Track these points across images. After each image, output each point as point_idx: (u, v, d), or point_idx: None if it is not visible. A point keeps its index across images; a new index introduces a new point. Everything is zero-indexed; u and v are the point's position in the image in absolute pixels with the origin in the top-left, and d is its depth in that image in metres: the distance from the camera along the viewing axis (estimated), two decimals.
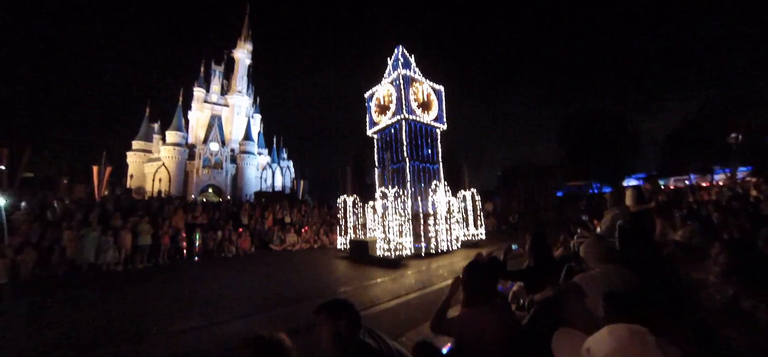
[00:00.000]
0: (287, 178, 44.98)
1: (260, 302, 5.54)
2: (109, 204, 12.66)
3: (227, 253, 11.43)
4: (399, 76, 10.93)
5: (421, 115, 11.33)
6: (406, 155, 10.80)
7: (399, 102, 10.85)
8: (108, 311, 5.17)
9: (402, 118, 10.79)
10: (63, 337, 4.03)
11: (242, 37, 46.12)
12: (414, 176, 10.87)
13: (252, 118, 45.23)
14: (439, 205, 10.40)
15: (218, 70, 44.85)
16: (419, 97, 11.38)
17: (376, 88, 12.32)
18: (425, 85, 11.83)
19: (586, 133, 32.80)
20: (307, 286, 6.72)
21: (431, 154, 11.84)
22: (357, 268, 8.43)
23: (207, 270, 8.89)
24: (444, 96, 12.54)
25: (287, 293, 6.13)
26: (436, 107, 12.09)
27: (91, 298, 6.13)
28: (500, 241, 12.45)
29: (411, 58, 12.02)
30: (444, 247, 10.12)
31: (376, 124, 12.13)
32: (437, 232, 10.11)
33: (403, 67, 11.25)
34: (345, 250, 10.75)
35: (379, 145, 12.35)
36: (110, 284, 7.33)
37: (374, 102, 12.30)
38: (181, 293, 6.39)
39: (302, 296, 5.74)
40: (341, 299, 1.78)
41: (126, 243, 9.52)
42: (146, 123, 39.17)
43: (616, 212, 3.39)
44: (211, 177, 38.40)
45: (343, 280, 7.42)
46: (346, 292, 6.08)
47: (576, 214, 15.65)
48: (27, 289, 6.94)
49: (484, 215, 18.74)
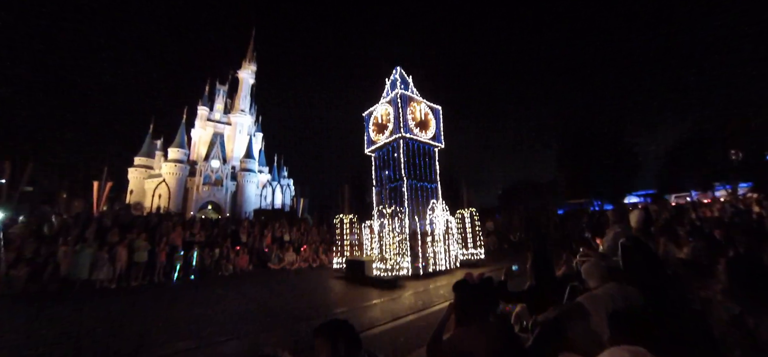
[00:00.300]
0: (287, 196, 44.90)
1: (254, 323, 5.38)
2: (107, 219, 12.57)
3: (224, 272, 11.23)
4: (397, 95, 11.05)
5: (419, 134, 11.38)
6: (404, 174, 10.76)
7: (397, 121, 10.92)
8: (94, 330, 5.02)
9: (399, 136, 10.83)
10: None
11: (247, 58, 47.31)
12: (411, 195, 10.79)
13: (254, 136, 45.67)
14: (437, 223, 10.28)
15: (222, 90, 45.72)
16: (417, 116, 11.45)
17: (374, 107, 12.44)
18: (423, 104, 11.92)
19: (585, 152, 33.04)
20: (301, 307, 6.54)
21: (429, 173, 11.79)
22: (353, 289, 8.20)
23: (202, 289, 8.70)
24: (442, 115, 12.63)
25: (281, 314, 5.95)
26: (434, 126, 12.14)
27: (78, 315, 5.94)
28: (501, 260, 12.24)
29: (409, 79, 12.20)
30: (443, 266, 9.87)
31: (374, 143, 12.18)
32: (435, 251, 9.87)
33: (401, 87, 11.40)
34: (341, 270, 10.52)
35: (377, 163, 12.33)
36: (101, 302, 7.16)
37: (372, 121, 12.39)
38: (174, 312, 6.24)
39: (297, 317, 5.59)
40: (340, 320, 1.71)
41: (121, 259, 9.38)
42: (149, 139, 39.55)
43: (618, 230, 3.31)
44: (211, 194, 38.36)
45: (338, 300, 7.23)
46: (341, 313, 5.89)
47: (578, 232, 15.47)
48: (16, 305, 6.76)
49: (485, 234, 18.65)
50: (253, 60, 47.59)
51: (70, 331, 4.88)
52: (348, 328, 1.65)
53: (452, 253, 10.58)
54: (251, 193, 40.92)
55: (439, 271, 9.69)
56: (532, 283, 3.14)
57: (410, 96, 11.47)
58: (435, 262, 9.79)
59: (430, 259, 9.73)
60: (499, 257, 13.39)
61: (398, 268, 8.56)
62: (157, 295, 8.11)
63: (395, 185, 11.15)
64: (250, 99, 46.89)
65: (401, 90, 11.17)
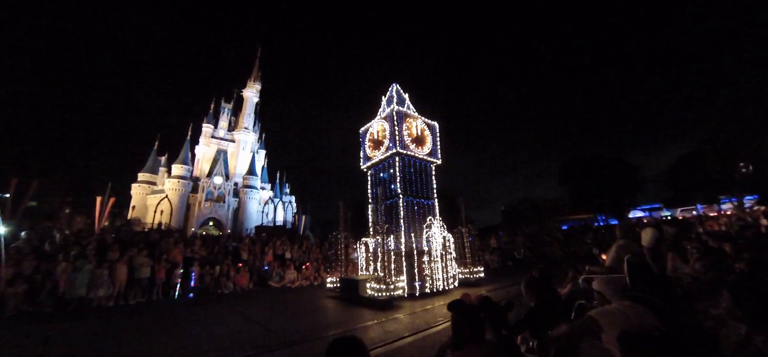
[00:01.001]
0: (289, 213, 44.78)
1: (254, 344, 5.24)
2: (108, 235, 12.54)
3: (224, 290, 11.08)
4: (393, 111, 10.95)
5: (415, 150, 11.23)
6: (400, 190, 10.54)
7: (392, 137, 10.78)
8: (86, 352, 4.91)
9: (395, 152, 10.68)
10: None
11: (252, 77, 48.32)
12: (408, 212, 10.53)
13: (257, 153, 46.04)
14: (433, 241, 9.96)
15: (227, 108, 46.50)
16: (413, 132, 11.35)
17: (370, 123, 12.38)
18: (419, 120, 11.83)
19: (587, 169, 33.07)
20: (289, 329, 6.05)
21: (426, 190, 11.57)
22: (346, 310, 7.88)
23: (201, 307, 8.55)
24: (438, 131, 12.53)
25: (262, 338, 5.50)
26: (431, 142, 11.99)
27: (72, 336, 5.82)
28: (502, 278, 11.95)
29: (405, 96, 12.17)
30: (440, 286, 9.56)
31: (369, 159, 12.05)
32: (432, 270, 9.58)
33: (398, 103, 11.31)
34: (335, 289, 10.14)
35: (373, 180, 12.16)
36: (97, 321, 7.02)
37: (368, 137, 12.29)
38: (172, 332, 6.12)
39: (284, 342, 5.20)
40: (351, 338, 1.61)
41: (121, 277, 9.29)
42: (154, 156, 39.92)
43: (622, 244, 3.26)
44: (212, 210, 38.33)
45: (329, 322, 6.88)
46: (332, 336, 5.46)
47: (582, 248, 15.22)
48: (7, 326, 6.65)
49: (488, 251, 18.38)
50: (257, 79, 48.57)
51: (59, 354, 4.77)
52: (358, 347, 1.53)
53: (450, 272, 10.26)
54: (253, 209, 40.86)
55: (436, 291, 9.36)
56: (534, 303, 3.04)
57: (406, 112, 11.41)
58: (432, 282, 9.48)
59: (426, 278, 9.44)
60: (502, 275, 13.10)
61: (393, 289, 8.23)
62: (156, 314, 7.97)
63: (391, 202, 10.88)
64: (253, 117, 47.58)
65: (397, 106, 11.10)
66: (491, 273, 13.23)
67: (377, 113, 12.30)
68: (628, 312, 1.89)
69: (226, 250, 13.65)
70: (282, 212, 43.77)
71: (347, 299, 8.91)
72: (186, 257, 11.44)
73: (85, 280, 8.54)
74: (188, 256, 11.50)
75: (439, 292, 9.39)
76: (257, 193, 41.91)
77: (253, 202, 41.11)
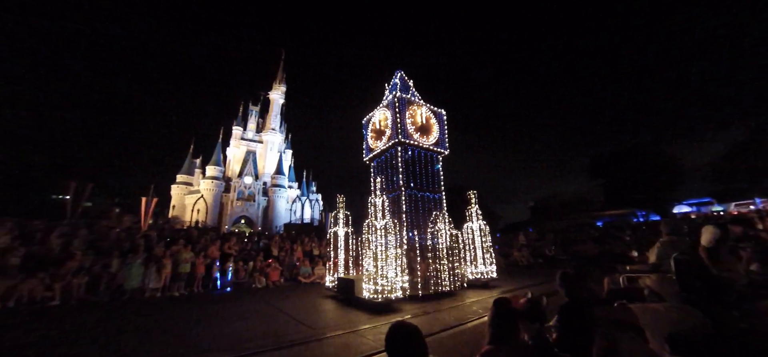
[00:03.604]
0: (316, 210, 46.00)
1: (289, 336, 5.51)
2: (153, 233, 13.58)
3: (258, 284, 11.63)
4: (394, 98, 10.29)
5: (419, 139, 10.45)
6: (402, 183, 9.86)
7: (394, 125, 10.12)
8: (149, 340, 5.39)
9: (397, 142, 10.01)
10: None
11: (277, 79, 49.95)
12: (410, 206, 9.86)
13: (284, 153, 47.62)
14: (439, 238, 9.26)
15: (254, 110, 48.43)
16: (417, 121, 10.62)
17: (372, 113, 11.69)
18: (424, 108, 11.02)
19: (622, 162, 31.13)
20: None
21: (431, 182, 10.74)
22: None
23: (238, 300, 9.06)
24: (446, 120, 11.64)
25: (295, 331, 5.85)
26: (437, 131, 11.14)
27: (133, 325, 6.39)
28: (521, 278, 11.32)
29: (410, 82, 11.47)
30: (446, 287, 8.87)
31: (372, 151, 11.39)
32: (437, 269, 8.88)
33: (401, 90, 10.69)
34: (333, 289, 9.63)
35: (375, 172, 11.44)
36: (150, 311, 7.64)
37: (370, 127, 11.62)
38: (214, 323, 6.54)
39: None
40: (409, 325, 1.66)
41: (166, 271, 10.07)
42: (189, 158, 42.47)
43: (667, 241, 3.05)
44: (244, 209, 40.22)
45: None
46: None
47: (619, 246, 14.38)
48: (76, 312, 7.43)
49: (516, 248, 17.86)
50: (282, 81, 50.14)
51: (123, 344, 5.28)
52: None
53: (457, 272, 9.44)
54: (281, 208, 42.38)
55: (441, 293, 8.65)
56: (568, 301, 2.95)
57: (409, 99, 10.64)
58: (437, 282, 8.76)
59: (430, 278, 8.73)
60: (522, 275, 12.43)
61: (390, 290, 7.42)
62: (199, 305, 8.54)
63: (393, 196, 10.22)
64: (280, 118, 49.20)
65: (400, 93, 10.43)
66: (505, 273, 12.37)
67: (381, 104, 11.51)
68: (675, 313, 1.82)
69: (258, 246, 14.32)
70: (309, 210, 45.04)
71: (343, 300, 8.45)
72: (223, 253, 12.16)
73: (137, 273, 9.33)
74: (226, 252, 12.20)
75: (445, 293, 8.70)
76: (285, 191, 43.40)
77: (281, 200, 42.63)
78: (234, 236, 14.80)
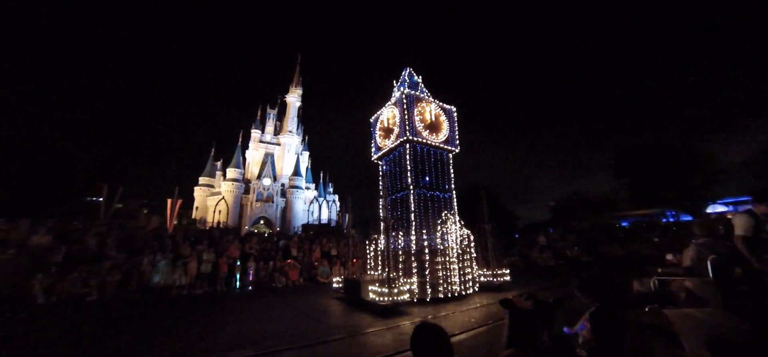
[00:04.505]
0: (333, 211, 46.56)
1: (307, 335, 5.62)
2: (178, 234, 14.17)
3: (277, 284, 11.91)
4: (402, 95, 10.09)
5: (429, 137, 10.23)
6: (411, 182, 9.63)
7: (402, 123, 9.93)
8: (178, 335, 5.65)
9: (405, 140, 9.81)
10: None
11: (294, 82, 50.95)
12: (419, 206, 9.60)
13: (301, 155, 48.50)
14: (449, 239, 8.95)
15: (272, 113, 49.63)
16: (426, 118, 10.42)
17: (380, 110, 11.56)
18: (433, 104, 10.77)
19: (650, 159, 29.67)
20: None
21: (441, 181, 10.47)
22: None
23: (259, 299, 9.33)
24: (456, 117, 11.36)
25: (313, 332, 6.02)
26: (447, 129, 10.85)
27: (164, 321, 6.70)
28: (534, 281, 10.85)
29: (418, 78, 11.24)
30: (456, 290, 8.56)
31: (380, 149, 11.22)
32: (447, 272, 8.55)
33: (410, 87, 10.52)
34: (340, 290, 9.53)
35: (384, 171, 11.31)
36: (179, 308, 7.99)
37: (379, 126, 11.48)
38: (236, 320, 6.77)
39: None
40: (434, 326, 1.67)
41: (191, 270, 10.49)
42: (211, 161, 44.06)
43: (703, 242, 2.88)
44: (263, 210, 41.28)
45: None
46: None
47: (648, 247, 13.72)
48: (112, 307, 7.86)
49: (537, 249, 17.41)
50: (298, 84, 51.10)
51: (153, 336, 5.56)
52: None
53: (468, 275, 9.11)
54: (299, 208, 43.19)
55: (450, 297, 8.34)
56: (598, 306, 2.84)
57: (417, 95, 10.39)
58: (446, 286, 8.45)
59: (439, 281, 8.40)
60: (538, 277, 12.00)
61: (396, 293, 7.15)
62: (221, 303, 8.85)
63: (401, 195, 10.04)
64: (297, 120, 50.15)
65: (408, 89, 10.24)
66: (523, 275, 12.04)
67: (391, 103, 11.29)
68: (715, 318, 1.73)
69: (278, 247, 14.65)
70: (326, 211, 45.65)
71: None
72: (243, 253, 12.53)
73: (164, 272, 9.78)
74: (247, 251, 12.56)
75: (455, 297, 8.39)
76: (302, 192, 44.19)
77: (299, 201, 43.44)
78: (254, 236, 15.22)
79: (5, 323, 6.17)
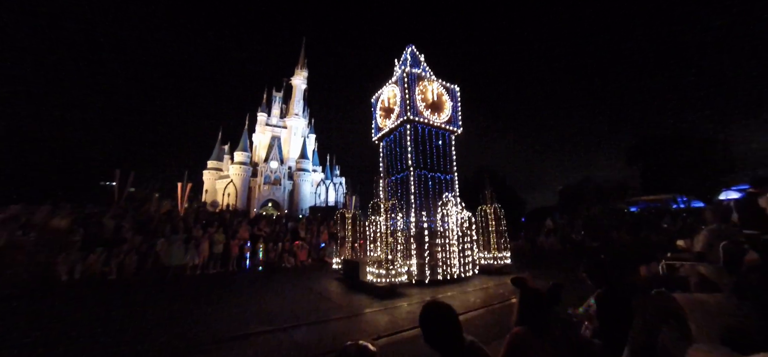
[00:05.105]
0: (340, 193, 46.91)
1: (319, 312, 5.80)
2: (190, 217, 14.52)
3: (287, 264, 12.22)
4: (403, 73, 9.70)
5: (430, 116, 9.91)
6: (411, 163, 9.42)
7: (403, 102, 9.60)
8: (197, 315, 5.89)
9: (405, 119, 9.54)
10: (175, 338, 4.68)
11: (299, 65, 50.38)
12: (419, 187, 9.40)
13: (307, 137, 48.49)
14: (449, 221, 8.78)
15: (278, 96, 49.38)
16: (428, 97, 10.07)
17: (381, 90, 11.21)
18: (435, 83, 10.38)
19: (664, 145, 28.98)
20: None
21: (443, 162, 10.22)
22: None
23: (269, 279, 9.63)
24: (459, 96, 10.94)
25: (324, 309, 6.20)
26: (450, 108, 10.50)
27: (181, 301, 6.96)
28: (537, 265, 10.73)
29: (421, 57, 10.87)
30: (456, 272, 8.49)
31: (380, 130, 10.98)
32: (447, 254, 8.45)
33: (411, 65, 10.19)
34: (340, 270, 9.58)
35: (384, 152, 11.10)
36: (194, 287, 8.29)
37: (379, 106, 11.16)
38: (250, 298, 7.00)
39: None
40: (441, 306, 1.69)
41: (204, 251, 10.81)
42: (218, 145, 44.42)
43: (715, 228, 2.86)
44: (270, 192, 41.78)
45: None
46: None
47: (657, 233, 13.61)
48: (131, 286, 8.22)
49: (543, 233, 17.39)
50: (304, 67, 50.51)
51: (176, 313, 5.81)
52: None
53: (468, 257, 8.99)
54: (306, 191, 43.59)
55: (450, 279, 8.32)
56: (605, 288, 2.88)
57: (419, 74, 10.02)
58: (446, 268, 8.38)
59: (439, 263, 8.36)
60: (556, 260, 12.17)
61: (394, 274, 7.11)
62: (234, 282, 9.17)
63: (402, 176, 9.81)
64: (303, 103, 49.89)
65: (409, 68, 9.88)
66: (527, 260, 12.02)
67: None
68: (724, 304, 1.74)
69: (286, 228, 14.94)
70: (333, 193, 46.04)
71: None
72: (253, 235, 12.83)
73: (179, 252, 10.12)
74: (256, 233, 12.85)
75: (455, 279, 8.36)
76: (309, 175, 44.49)
77: (306, 184, 43.81)
78: (263, 219, 15.51)
79: (36, 300, 6.52)
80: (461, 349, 1.54)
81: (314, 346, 4.15)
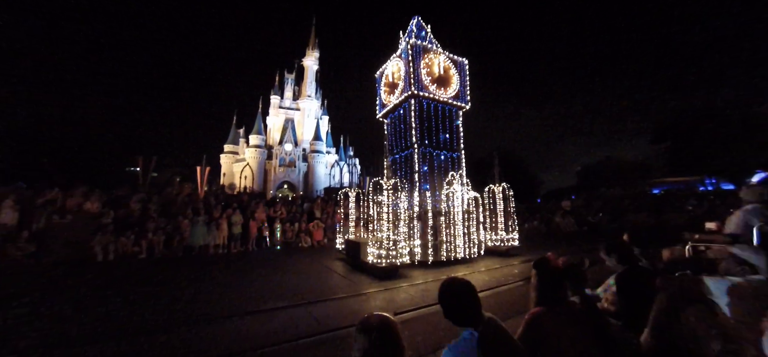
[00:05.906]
0: (354, 174, 47.32)
1: (338, 289, 6.00)
2: (211, 199, 15.04)
3: (303, 244, 12.59)
4: (408, 45, 9.23)
5: (436, 91, 9.47)
6: (415, 140, 9.12)
7: (407, 76, 9.20)
8: (224, 288, 6.21)
9: (410, 94, 9.15)
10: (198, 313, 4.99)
11: (310, 46, 49.82)
12: (425, 165, 9.15)
13: (320, 119, 48.59)
14: (455, 200, 8.58)
15: (290, 78, 49.29)
16: (434, 71, 9.59)
17: (385, 64, 10.73)
18: (442, 56, 9.86)
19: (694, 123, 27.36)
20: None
21: (449, 140, 9.86)
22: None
23: (288, 257, 9.97)
24: (467, 69, 10.42)
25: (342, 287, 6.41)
26: (457, 83, 10.02)
27: (209, 277, 7.27)
28: (546, 247, 10.44)
29: (427, 28, 10.38)
30: (461, 254, 8.35)
31: (384, 106, 10.63)
32: (452, 234, 8.29)
33: (417, 38, 9.78)
34: (342, 251, 9.56)
35: (389, 129, 10.78)
36: (218, 266, 8.63)
37: (384, 81, 10.76)
38: (271, 276, 7.29)
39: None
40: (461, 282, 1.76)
41: (223, 231, 11.27)
42: (234, 129, 45.19)
43: (751, 208, 2.71)
44: (285, 174, 42.58)
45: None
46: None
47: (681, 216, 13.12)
48: (161, 265, 8.70)
49: (560, 214, 17.10)
50: (315, 47, 49.95)
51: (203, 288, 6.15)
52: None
53: (474, 238, 8.83)
54: (321, 173, 44.14)
55: (454, 260, 8.19)
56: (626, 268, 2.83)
57: (425, 46, 9.55)
58: (451, 249, 8.26)
59: (443, 244, 8.24)
60: (570, 242, 11.90)
61: (395, 255, 6.92)
62: (255, 261, 9.54)
63: (406, 154, 9.54)
64: (315, 84, 49.68)
65: (415, 40, 9.43)
66: (539, 241, 11.88)
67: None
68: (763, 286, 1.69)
69: (302, 209, 15.27)
70: (347, 174, 46.49)
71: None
72: (270, 216, 13.21)
73: (202, 233, 10.60)
74: (272, 216, 13.23)
75: (459, 260, 8.25)
76: (324, 157, 44.90)
77: (320, 165, 44.31)
78: (279, 201, 15.89)
79: (76, 277, 7.02)
80: (480, 324, 1.59)
81: (331, 320, 4.31)
